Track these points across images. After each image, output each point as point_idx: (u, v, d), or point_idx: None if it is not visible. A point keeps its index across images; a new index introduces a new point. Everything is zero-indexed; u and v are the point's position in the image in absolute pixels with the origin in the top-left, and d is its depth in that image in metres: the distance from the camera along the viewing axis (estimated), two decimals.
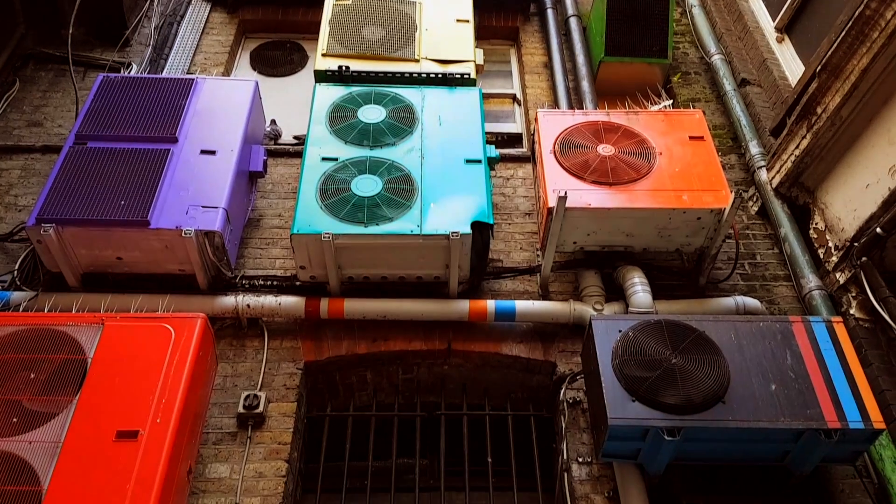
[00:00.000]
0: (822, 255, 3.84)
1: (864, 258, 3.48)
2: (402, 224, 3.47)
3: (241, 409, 3.30)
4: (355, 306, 3.61)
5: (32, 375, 2.69)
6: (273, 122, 4.82)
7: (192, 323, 2.91)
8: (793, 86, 4.47)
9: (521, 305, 3.66)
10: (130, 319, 2.92)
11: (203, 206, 3.46)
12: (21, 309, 3.43)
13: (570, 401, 3.50)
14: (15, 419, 2.60)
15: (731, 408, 2.90)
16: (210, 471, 3.17)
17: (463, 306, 3.65)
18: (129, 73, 4.86)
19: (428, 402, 3.85)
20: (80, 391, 2.68)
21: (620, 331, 3.13)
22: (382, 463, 3.64)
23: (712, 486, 3.21)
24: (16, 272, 3.68)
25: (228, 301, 3.59)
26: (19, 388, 2.67)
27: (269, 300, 3.61)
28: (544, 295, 3.87)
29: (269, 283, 3.75)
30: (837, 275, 3.69)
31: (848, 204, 3.70)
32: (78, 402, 2.66)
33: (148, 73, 4.87)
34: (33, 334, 2.81)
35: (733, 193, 3.52)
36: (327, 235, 3.38)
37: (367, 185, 3.62)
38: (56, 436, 2.58)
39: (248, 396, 3.33)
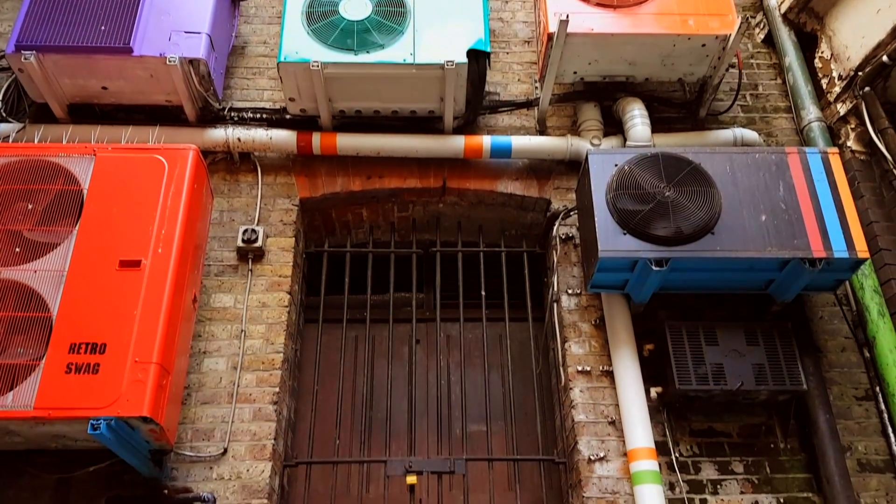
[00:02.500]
0: (824, 86, 3.80)
1: (867, 88, 3.46)
2: (394, 52, 3.38)
3: (240, 243, 3.41)
4: (348, 142, 3.62)
5: (30, 206, 2.75)
6: None
7: (185, 154, 2.93)
8: None
9: (518, 141, 3.67)
10: (122, 151, 2.93)
11: (186, 32, 3.36)
12: (10, 140, 3.44)
13: (563, 236, 3.62)
14: (18, 249, 2.69)
15: (720, 238, 3.02)
16: (214, 300, 3.34)
17: (458, 143, 3.65)
18: None
19: (423, 240, 3.97)
20: (78, 222, 2.76)
21: (616, 164, 3.17)
22: (380, 297, 3.83)
23: (694, 313, 3.41)
24: (0, 103, 3.64)
25: (218, 134, 3.58)
26: (18, 218, 2.74)
27: (259, 134, 3.60)
28: (541, 130, 3.87)
29: (258, 115, 3.71)
30: (838, 106, 3.68)
31: (856, 31, 3.60)
32: (78, 232, 2.74)
33: None
34: (26, 165, 2.83)
35: (739, 19, 3.42)
36: (316, 64, 3.30)
37: (355, 8, 3.47)
38: (60, 265, 2.69)
39: (245, 230, 3.43)
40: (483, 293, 3.72)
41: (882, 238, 3.37)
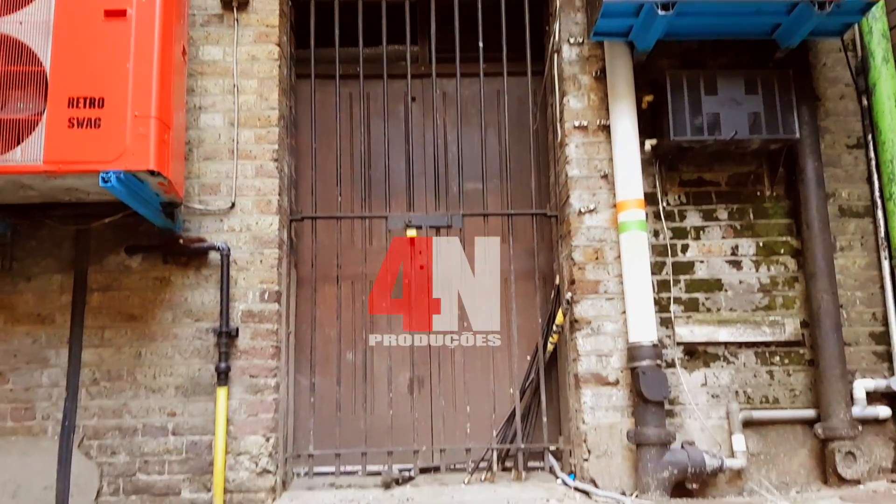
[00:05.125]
0: None
1: None
2: None
3: None
4: None
5: None
6: None
7: None
8: None
9: None
10: None
11: None
12: None
13: None
14: None
15: None
16: (203, 53, 3.41)
17: None
18: None
19: None
20: None
21: None
22: (373, 50, 3.86)
23: (697, 62, 3.50)
24: None
25: None
26: None
27: None
28: None
29: None
30: None
31: None
32: None
33: None
34: None
35: None
36: None
37: None
38: (45, 15, 2.71)
39: None
40: (481, 44, 3.76)
41: None
